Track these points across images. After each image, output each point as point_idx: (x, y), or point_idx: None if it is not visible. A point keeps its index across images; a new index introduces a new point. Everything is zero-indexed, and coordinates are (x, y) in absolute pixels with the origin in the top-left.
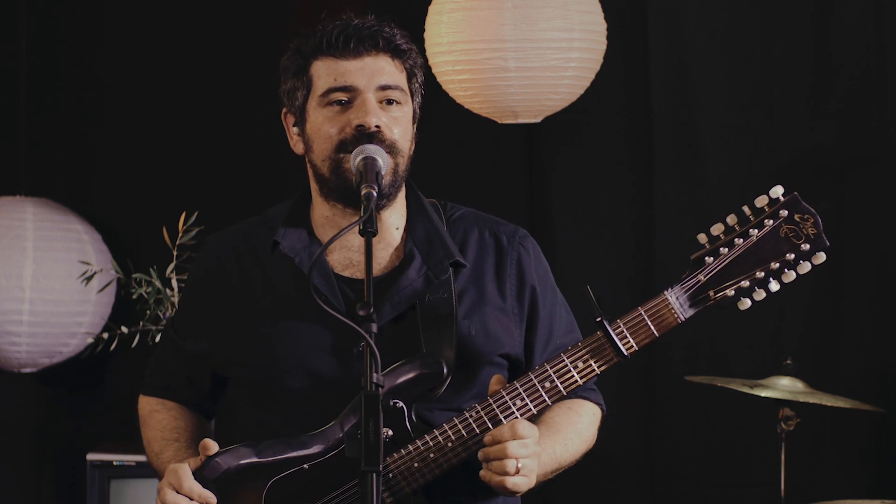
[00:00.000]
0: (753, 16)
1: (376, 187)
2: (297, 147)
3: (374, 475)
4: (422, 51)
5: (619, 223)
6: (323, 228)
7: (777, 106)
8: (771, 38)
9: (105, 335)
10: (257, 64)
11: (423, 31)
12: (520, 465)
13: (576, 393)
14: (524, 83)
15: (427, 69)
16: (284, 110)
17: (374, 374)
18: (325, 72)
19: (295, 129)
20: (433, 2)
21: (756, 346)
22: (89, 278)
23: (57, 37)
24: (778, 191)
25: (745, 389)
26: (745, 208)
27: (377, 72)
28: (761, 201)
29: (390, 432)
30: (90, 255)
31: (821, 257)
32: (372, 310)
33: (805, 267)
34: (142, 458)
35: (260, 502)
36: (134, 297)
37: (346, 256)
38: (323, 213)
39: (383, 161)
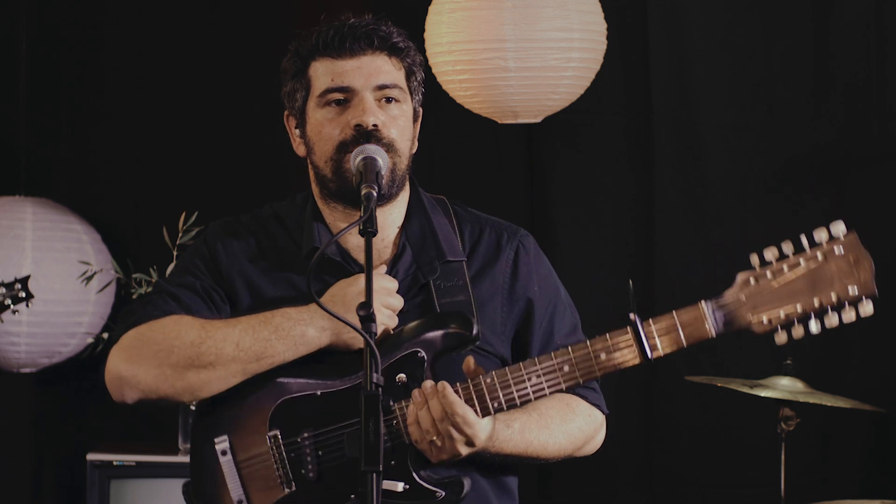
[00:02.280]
0: (753, 16)
1: (376, 187)
2: (300, 149)
3: (375, 475)
4: (422, 51)
5: (619, 223)
6: (334, 232)
7: (777, 106)
8: (771, 38)
9: (105, 335)
10: (257, 64)
11: (423, 31)
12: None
13: (573, 390)
14: (524, 83)
15: (427, 69)
16: (286, 113)
17: (374, 374)
18: (322, 72)
19: (297, 132)
20: (433, 2)
21: (756, 346)
22: (89, 278)
23: (57, 37)
24: (839, 228)
25: (745, 389)
26: (803, 237)
27: (374, 71)
28: (820, 234)
29: (405, 377)
30: (90, 255)
31: (867, 307)
32: (372, 310)
33: (849, 314)
34: (142, 457)
35: (266, 418)
36: (134, 297)
37: (360, 257)
38: (328, 218)
39: (383, 161)
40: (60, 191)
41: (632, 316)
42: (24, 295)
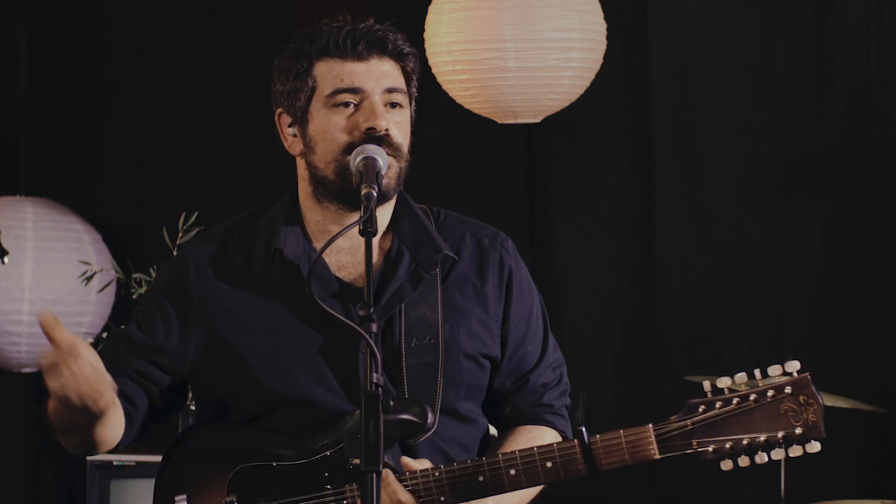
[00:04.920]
0: (753, 16)
1: (376, 187)
2: (294, 148)
3: (375, 475)
4: (422, 51)
5: (619, 223)
6: (315, 234)
7: (777, 106)
8: (771, 38)
9: (105, 335)
10: (257, 64)
11: (423, 31)
12: None
13: (542, 417)
14: (524, 83)
15: (427, 69)
16: (280, 110)
17: (374, 374)
18: (330, 73)
19: (290, 130)
20: (433, 2)
21: (756, 347)
22: (89, 278)
23: (57, 37)
24: (794, 366)
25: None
26: (757, 372)
27: (382, 74)
28: (774, 370)
29: (358, 461)
30: (90, 255)
31: (815, 447)
32: (372, 310)
33: (796, 451)
34: (142, 457)
35: (224, 482)
36: (134, 297)
37: (336, 259)
38: (314, 218)
39: (383, 161)
40: (61, 191)
41: (579, 427)
42: None
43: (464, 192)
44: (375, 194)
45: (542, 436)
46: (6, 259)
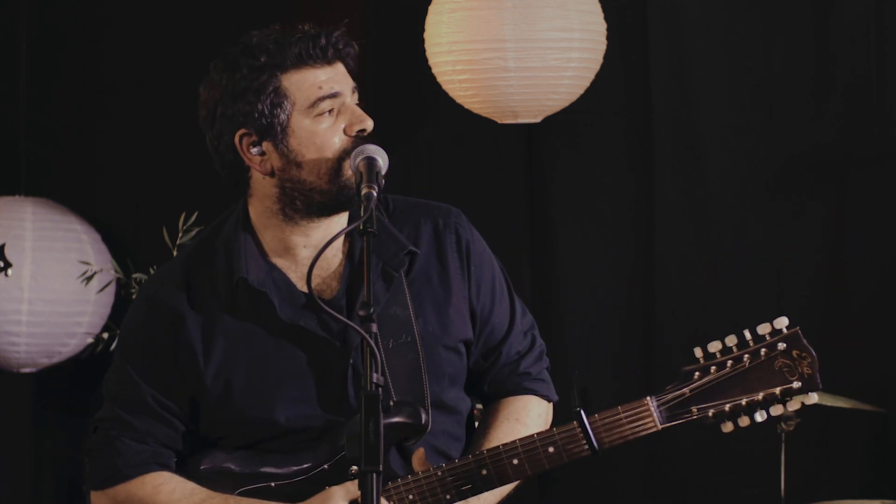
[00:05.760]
0: (753, 16)
1: (376, 187)
2: (265, 166)
3: (374, 475)
4: (422, 51)
5: (619, 223)
6: (276, 250)
7: (777, 106)
8: (771, 38)
9: (105, 335)
10: None
11: (423, 31)
12: None
13: (522, 385)
14: (524, 83)
15: (427, 69)
16: (242, 132)
17: (374, 374)
18: (305, 83)
19: (255, 150)
20: (433, 2)
21: None
22: (89, 278)
23: (57, 37)
24: (782, 322)
25: None
26: (747, 332)
27: (345, 76)
28: (763, 329)
29: (356, 469)
30: (90, 255)
31: (812, 398)
32: (372, 310)
33: (794, 404)
34: None
35: None
36: (134, 297)
37: (301, 273)
38: (275, 234)
39: (383, 161)
40: (60, 191)
41: (577, 409)
42: (2, 264)
43: (464, 192)
44: (375, 195)
45: (526, 405)
46: (9, 272)
